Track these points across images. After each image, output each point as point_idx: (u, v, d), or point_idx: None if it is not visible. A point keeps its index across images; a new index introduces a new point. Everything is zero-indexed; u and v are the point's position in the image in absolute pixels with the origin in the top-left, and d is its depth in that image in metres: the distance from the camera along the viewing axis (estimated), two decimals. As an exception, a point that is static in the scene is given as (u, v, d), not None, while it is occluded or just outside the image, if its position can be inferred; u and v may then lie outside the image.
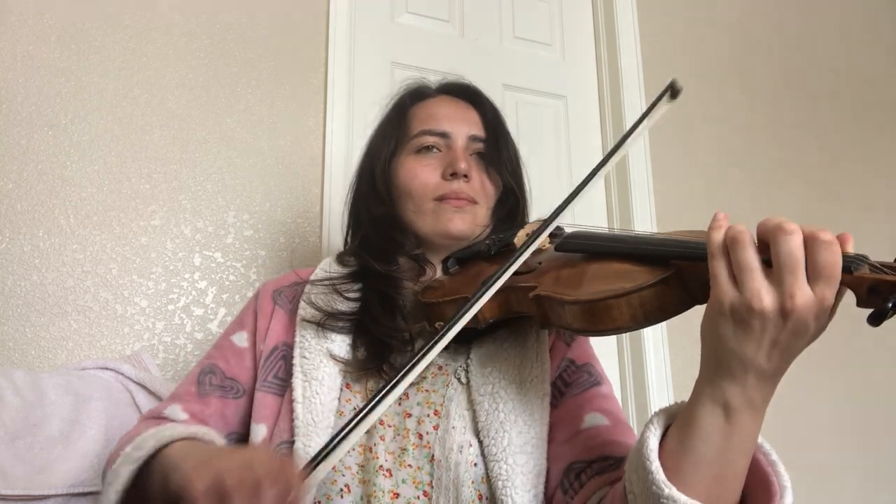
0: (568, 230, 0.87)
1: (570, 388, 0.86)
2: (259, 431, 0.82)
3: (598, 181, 1.81)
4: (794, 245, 0.52)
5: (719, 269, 0.56)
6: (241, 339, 0.91)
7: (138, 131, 1.37)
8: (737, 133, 2.05)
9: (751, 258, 0.54)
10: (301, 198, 1.47)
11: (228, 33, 1.49)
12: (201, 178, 1.40)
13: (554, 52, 1.92)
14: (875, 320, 0.50)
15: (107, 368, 1.12)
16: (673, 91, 0.79)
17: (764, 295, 0.52)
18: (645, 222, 1.79)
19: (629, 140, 0.78)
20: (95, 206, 1.30)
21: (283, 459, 0.56)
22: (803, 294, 0.51)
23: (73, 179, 1.30)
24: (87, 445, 0.98)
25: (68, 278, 1.25)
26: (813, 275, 0.52)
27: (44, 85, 1.32)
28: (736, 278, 0.54)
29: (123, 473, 0.70)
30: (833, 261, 0.51)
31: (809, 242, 0.52)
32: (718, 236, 0.56)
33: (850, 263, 0.52)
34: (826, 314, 0.53)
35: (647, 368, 1.68)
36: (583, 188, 0.73)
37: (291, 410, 0.80)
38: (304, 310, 0.88)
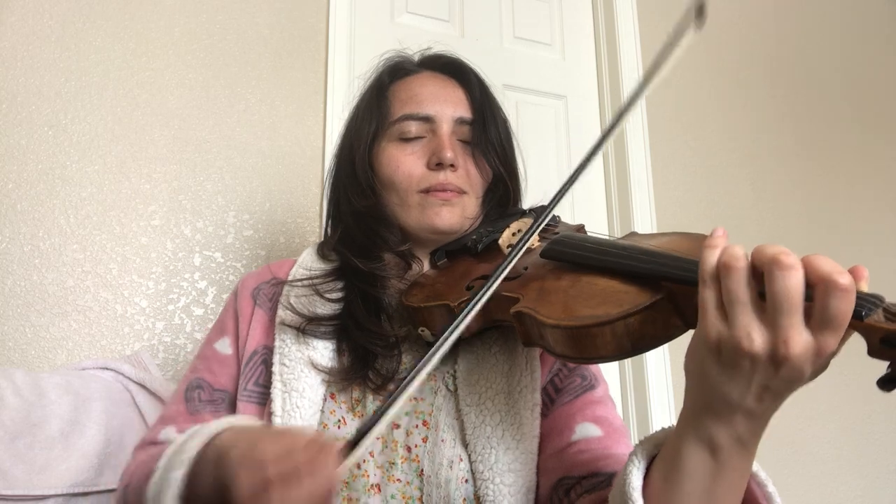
0: (563, 225, 0.83)
1: (561, 395, 0.80)
2: None
3: (595, 177, 1.84)
4: (791, 283, 0.45)
5: (708, 298, 0.49)
6: (225, 346, 0.86)
7: (138, 131, 1.37)
8: (737, 133, 2.05)
9: (741, 290, 0.47)
10: (301, 198, 1.47)
11: (228, 33, 1.49)
12: (201, 178, 1.40)
13: (554, 52, 1.92)
14: (886, 385, 0.44)
15: (107, 368, 1.12)
16: (699, 13, 0.65)
17: (755, 335, 0.46)
18: (645, 222, 1.79)
19: (655, 80, 0.66)
20: (95, 206, 1.30)
21: (322, 445, 0.51)
22: (799, 340, 0.45)
23: (73, 179, 1.30)
24: (87, 445, 0.98)
25: (68, 278, 1.25)
26: (819, 321, 0.45)
27: (44, 85, 1.32)
28: (726, 311, 0.48)
29: (174, 479, 0.61)
30: (846, 310, 0.44)
31: (822, 285, 0.44)
32: (711, 259, 0.49)
33: (862, 306, 0.44)
34: (827, 361, 0.47)
35: (647, 367, 1.68)
36: (599, 147, 0.66)
37: (271, 424, 0.75)
38: (284, 313, 0.82)
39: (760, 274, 0.47)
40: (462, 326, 0.57)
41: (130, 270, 1.30)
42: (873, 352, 0.45)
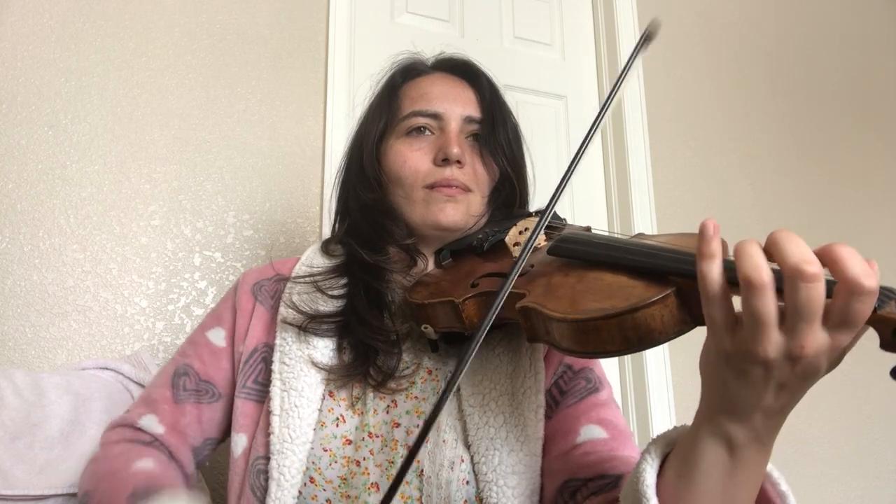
0: (570, 227, 0.83)
1: (565, 397, 0.80)
2: (240, 442, 0.78)
3: (595, 177, 1.84)
4: (815, 294, 0.43)
5: (717, 315, 0.47)
6: (219, 338, 0.86)
7: (138, 131, 1.37)
8: (737, 133, 2.05)
9: (771, 310, 0.44)
10: (301, 198, 1.47)
11: (228, 33, 1.49)
12: (201, 178, 1.40)
13: (554, 52, 1.92)
14: None
15: (107, 368, 1.12)
16: (648, 37, 0.70)
17: (770, 345, 0.45)
18: (645, 222, 1.79)
19: (613, 98, 0.70)
20: (95, 206, 1.30)
21: None
22: (815, 341, 0.44)
23: (73, 179, 1.30)
24: (87, 445, 0.98)
25: (68, 278, 1.25)
26: (838, 321, 0.44)
27: (44, 85, 1.32)
28: (737, 322, 0.46)
29: None
30: (867, 311, 0.43)
31: (847, 287, 0.43)
32: (713, 272, 0.46)
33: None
34: (842, 354, 0.47)
35: (647, 367, 1.68)
36: (578, 159, 0.64)
37: (269, 423, 0.75)
38: (286, 311, 0.82)
39: (770, 256, 0.45)
40: (492, 319, 0.57)
41: (130, 270, 1.30)
42: (886, 344, 0.44)
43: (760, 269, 0.44)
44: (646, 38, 0.70)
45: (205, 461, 0.88)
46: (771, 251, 0.45)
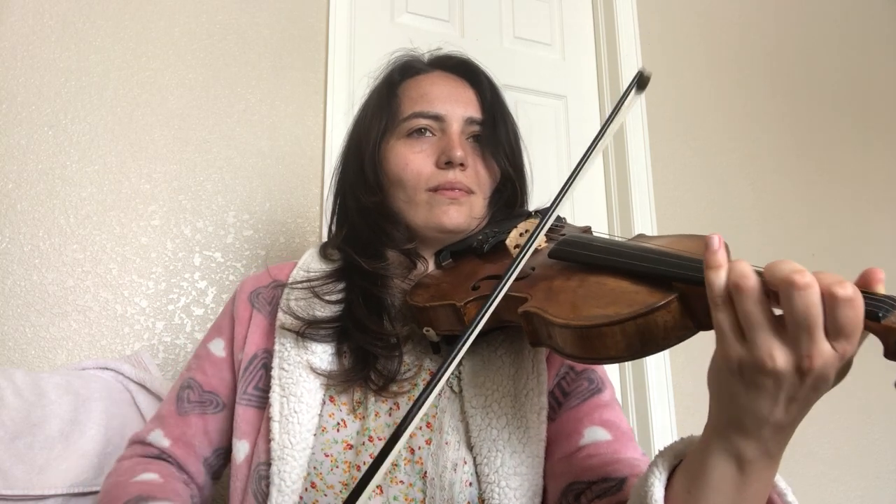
0: (569, 227, 0.83)
1: (568, 399, 0.80)
2: (241, 448, 0.78)
3: (595, 177, 1.84)
4: (809, 302, 0.44)
5: (723, 320, 0.48)
6: (219, 348, 0.86)
7: (138, 131, 1.37)
8: (737, 133, 2.05)
9: (757, 311, 0.46)
10: (301, 198, 1.47)
11: (228, 33, 1.49)
12: (201, 178, 1.40)
13: (554, 52, 1.92)
14: None
15: (107, 368, 1.12)
16: (640, 81, 0.72)
17: (777, 354, 0.46)
18: (645, 222, 1.79)
19: (604, 137, 0.69)
20: (95, 206, 1.30)
21: None
22: (822, 353, 0.45)
23: (73, 179, 1.30)
24: (87, 445, 0.98)
25: (68, 278, 1.25)
26: (833, 332, 0.45)
27: (44, 85, 1.32)
28: (743, 332, 0.48)
29: None
30: (855, 317, 0.44)
31: (827, 300, 0.44)
32: (719, 281, 0.48)
33: (878, 308, 0.44)
34: (849, 364, 0.47)
35: (647, 368, 1.67)
36: (566, 189, 0.67)
37: (269, 429, 0.75)
38: (283, 316, 0.81)
39: (775, 293, 0.46)
40: (480, 325, 0.57)
41: (130, 270, 1.30)
42: (890, 353, 0.45)
43: (746, 276, 0.47)
44: (636, 84, 0.71)
45: (220, 472, 0.88)
46: (765, 274, 0.47)
